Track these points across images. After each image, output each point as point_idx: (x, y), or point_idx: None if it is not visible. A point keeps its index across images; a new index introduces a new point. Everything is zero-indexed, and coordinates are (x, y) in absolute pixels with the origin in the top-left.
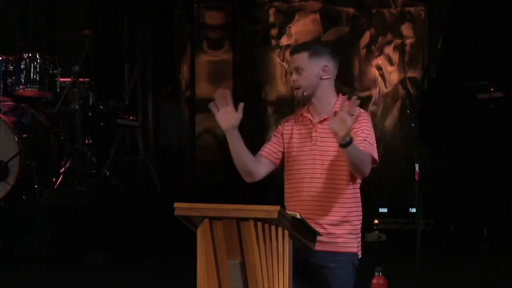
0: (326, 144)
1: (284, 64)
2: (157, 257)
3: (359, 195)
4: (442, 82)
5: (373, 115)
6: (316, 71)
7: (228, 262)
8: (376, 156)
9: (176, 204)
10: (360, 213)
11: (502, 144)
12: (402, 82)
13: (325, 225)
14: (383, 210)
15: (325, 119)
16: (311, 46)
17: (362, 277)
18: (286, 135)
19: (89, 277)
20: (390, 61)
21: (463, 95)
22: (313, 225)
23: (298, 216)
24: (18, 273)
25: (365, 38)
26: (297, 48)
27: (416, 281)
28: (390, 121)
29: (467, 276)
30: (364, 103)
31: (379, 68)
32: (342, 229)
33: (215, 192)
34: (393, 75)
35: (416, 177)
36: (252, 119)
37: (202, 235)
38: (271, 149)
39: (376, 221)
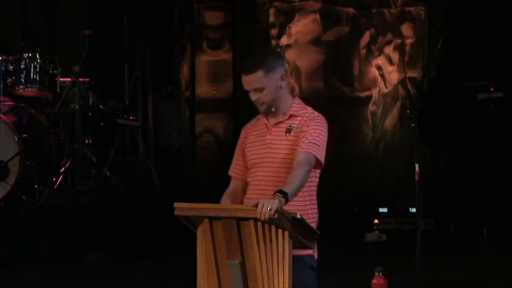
0: (278, 147)
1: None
2: (157, 257)
3: (315, 197)
4: (442, 82)
5: (373, 115)
6: (276, 85)
7: (228, 262)
8: (320, 157)
9: (176, 204)
10: (316, 215)
11: (502, 144)
12: (402, 82)
13: None
14: (383, 210)
15: (279, 122)
16: (264, 62)
17: (362, 277)
18: (244, 143)
19: (89, 277)
20: (390, 61)
21: (463, 95)
22: None
23: (298, 216)
24: (18, 273)
25: (365, 38)
26: (249, 68)
27: (416, 281)
28: (390, 121)
29: (467, 276)
30: (364, 103)
31: (379, 68)
32: None
33: (215, 192)
34: (393, 75)
35: (416, 177)
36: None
37: (202, 235)
38: (239, 169)
39: (376, 221)
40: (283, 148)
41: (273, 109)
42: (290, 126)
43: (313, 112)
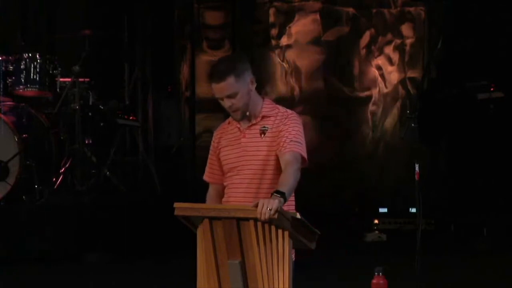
0: (254, 149)
1: (284, 64)
2: (157, 257)
3: (293, 198)
4: (442, 82)
5: (373, 115)
6: (247, 88)
7: (228, 262)
8: (305, 155)
9: (176, 204)
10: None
11: (502, 144)
12: (402, 82)
13: None
14: (383, 210)
15: (252, 125)
16: (234, 68)
17: (362, 277)
18: (218, 148)
19: (89, 277)
20: (390, 61)
21: (463, 95)
22: None
23: (298, 216)
24: (18, 273)
25: (365, 38)
26: (221, 75)
27: (416, 281)
28: (390, 121)
29: (467, 276)
30: (364, 103)
31: (379, 68)
32: None
33: None
34: (393, 75)
35: (416, 177)
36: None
37: (202, 235)
38: (215, 173)
39: (376, 221)
40: (260, 150)
41: (247, 114)
42: (264, 127)
43: (286, 110)
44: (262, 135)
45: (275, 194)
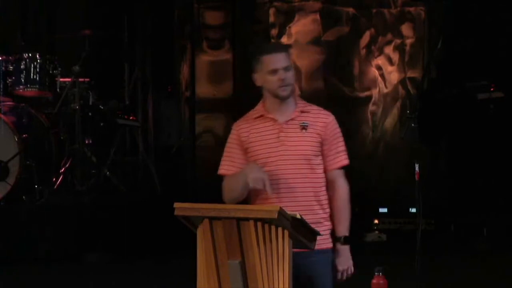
0: (295, 143)
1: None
2: (157, 257)
3: (325, 197)
4: (442, 82)
5: (373, 115)
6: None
7: (228, 262)
8: (348, 161)
9: (176, 204)
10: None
11: (502, 144)
12: (402, 82)
13: None
14: (383, 210)
15: (291, 119)
16: (287, 49)
17: (362, 277)
18: (244, 141)
19: (89, 277)
20: (390, 61)
21: (463, 95)
22: None
23: (298, 216)
24: (18, 273)
25: (365, 38)
26: (278, 47)
27: (416, 281)
28: (390, 121)
29: (467, 276)
30: (364, 103)
31: (379, 68)
32: (322, 227)
33: (215, 192)
34: (393, 75)
35: (416, 177)
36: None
37: (202, 235)
38: (238, 166)
39: (376, 221)
40: (301, 145)
41: (291, 97)
42: (304, 122)
43: (319, 109)
44: (303, 130)
45: (342, 242)
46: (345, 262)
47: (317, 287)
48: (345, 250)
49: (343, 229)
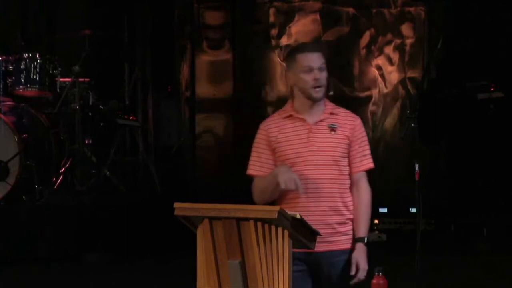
0: (324, 144)
1: (284, 64)
2: (157, 257)
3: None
4: (442, 82)
5: (373, 115)
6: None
7: (228, 262)
8: (373, 164)
9: (176, 204)
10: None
11: (502, 144)
12: (402, 82)
13: (334, 225)
14: (383, 210)
15: (321, 120)
16: (324, 50)
17: None
18: (273, 141)
19: (89, 277)
20: (390, 61)
21: (463, 95)
22: (322, 226)
23: (298, 216)
24: (18, 273)
25: (365, 38)
26: (316, 47)
27: (416, 281)
28: (390, 121)
29: (467, 276)
30: (364, 103)
31: (379, 68)
32: (347, 227)
33: (215, 192)
34: (393, 75)
35: (416, 177)
36: (252, 119)
37: (202, 235)
38: (267, 167)
39: (376, 221)
40: (330, 146)
41: (323, 100)
42: (333, 124)
43: (347, 112)
44: (332, 132)
45: (361, 242)
46: (366, 262)
47: (337, 286)
48: (366, 251)
49: (365, 231)
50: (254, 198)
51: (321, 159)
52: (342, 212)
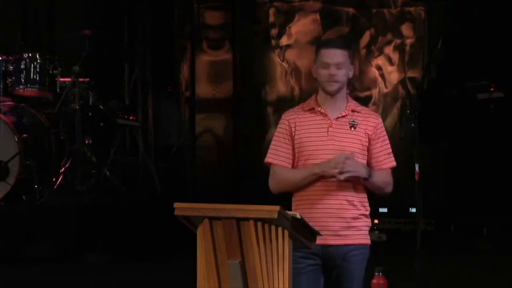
0: (344, 140)
1: (284, 64)
2: (157, 257)
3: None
4: (442, 82)
5: None
6: (348, 72)
7: (228, 262)
8: (395, 163)
9: (176, 204)
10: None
11: (501, 144)
12: (402, 82)
13: (348, 219)
14: (383, 210)
15: (342, 116)
16: (350, 47)
17: None
18: (293, 131)
19: (89, 277)
20: (390, 61)
21: (463, 95)
22: (337, 219)
23: (298, 216)
24: (18, 273)
25: (365, 38)
26: (338, 44)
27: (416, 281)
28: (390, 121)
29: (467, 276)
30: (364, 103)
31: (379, 68)
32: (361, 222)
33: (215, 192)
34: (393, 75)
35: (416, 177)
36: (252, 119)
37: (202, 235)
38: (287, 157)
39: (376, 221)
40: (348, 142)
41: (339, 94)
42: (354, 121)
43: (369, 110)
44: (352, 129)
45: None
46: (355, 170)
47: (350, 281)
48: (363, 171)
49: (372, 175)
50: (273, 185)
51: (339, 153)
52: (358, 207)
